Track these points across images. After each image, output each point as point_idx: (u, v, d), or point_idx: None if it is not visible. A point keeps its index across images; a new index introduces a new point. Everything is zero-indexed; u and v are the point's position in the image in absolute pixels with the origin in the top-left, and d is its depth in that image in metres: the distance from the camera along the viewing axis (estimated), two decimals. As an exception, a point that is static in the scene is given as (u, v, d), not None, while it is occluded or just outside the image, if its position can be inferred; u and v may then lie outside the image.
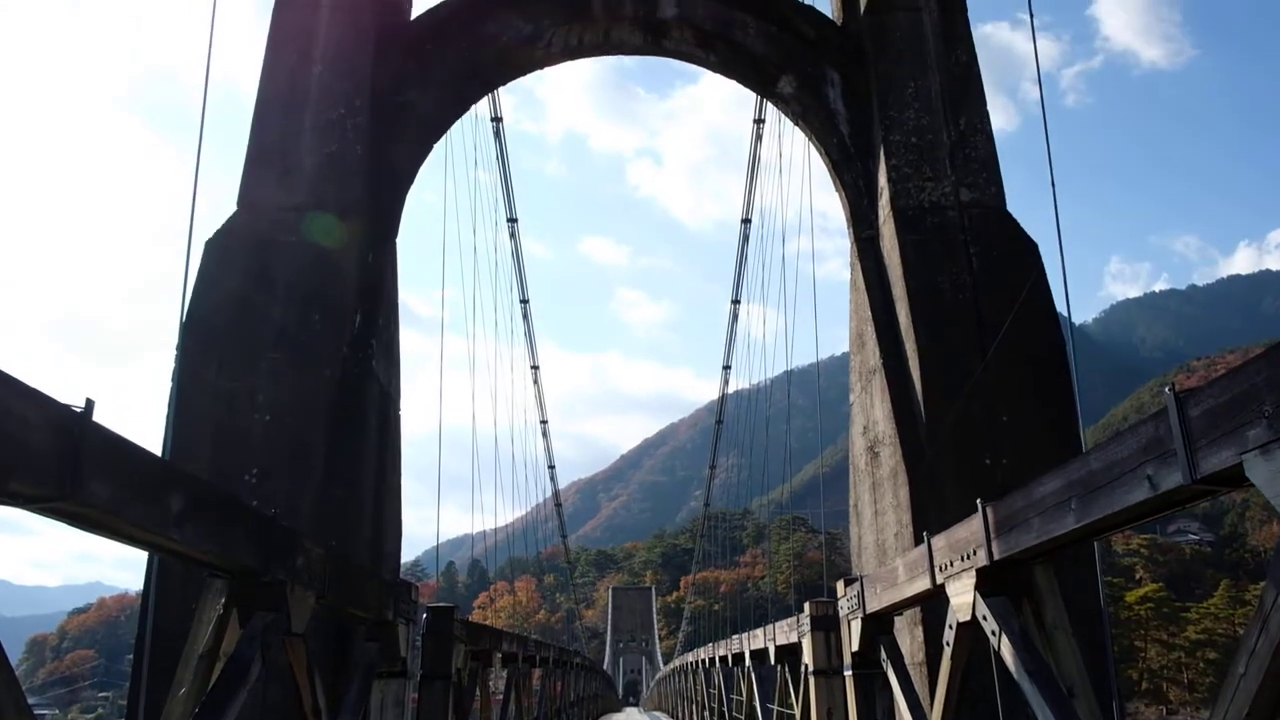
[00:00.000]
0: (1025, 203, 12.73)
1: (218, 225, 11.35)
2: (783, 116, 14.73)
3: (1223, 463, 3.57)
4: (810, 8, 13.72)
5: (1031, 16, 12.50)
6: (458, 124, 14.10)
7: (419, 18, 13.48)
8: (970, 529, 5.78)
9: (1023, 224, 11.99)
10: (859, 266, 12.46)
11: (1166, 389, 3.85)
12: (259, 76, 12.14)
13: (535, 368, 33.26)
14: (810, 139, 13.72)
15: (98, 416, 3.81)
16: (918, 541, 6.65)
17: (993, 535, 5.46)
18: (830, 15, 13.91)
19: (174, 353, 10.56)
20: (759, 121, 18.92)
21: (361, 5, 12.55)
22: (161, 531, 4.19)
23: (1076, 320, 13.33)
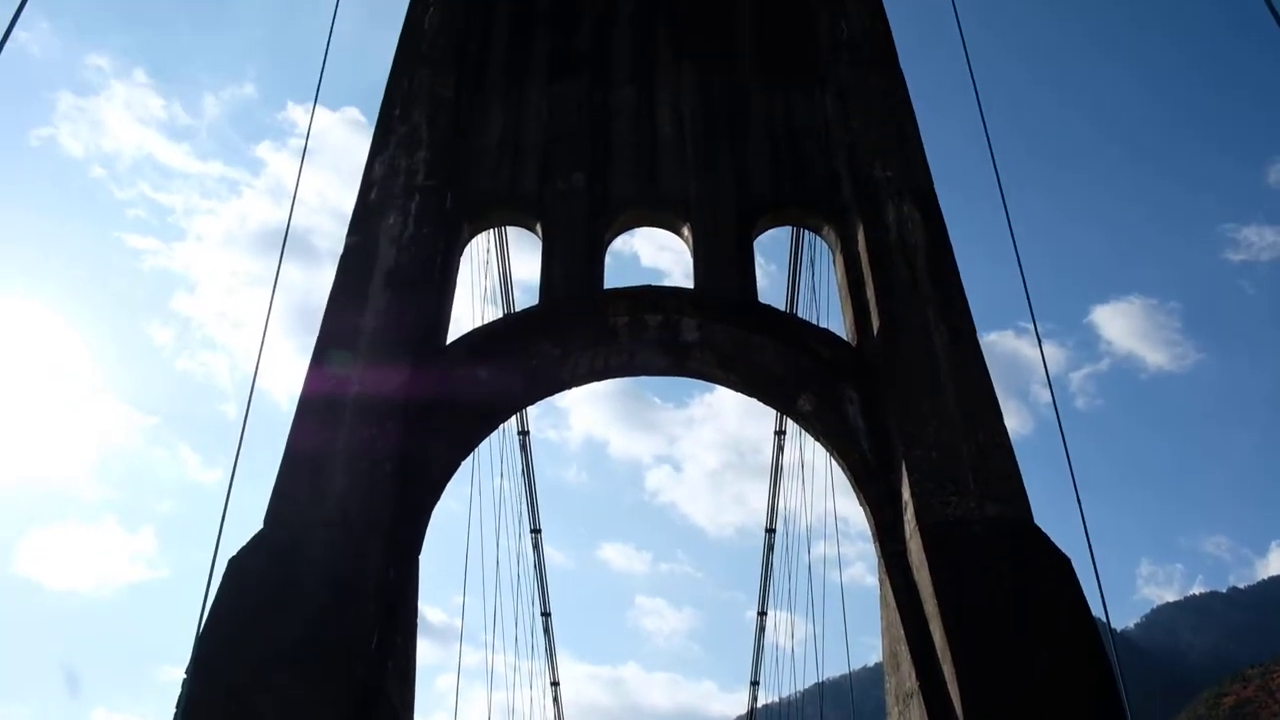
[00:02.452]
0: (1048, 502, 12.67)
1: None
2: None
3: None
4: (824, 331, 14.38)
5: (1038, 336, 13.08)
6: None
7: (454, 343, 14.19)
8: None
9: (1047, 526, 11.89)
10: (888, 583, 12.18)
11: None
12: (298, 398, 12.67)
13: (555, 684, 31.85)
14: (832, 455, 13.91)
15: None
16: None
17: None
18: (844, 336, 14.55)
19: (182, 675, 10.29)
20: (780, 433, 19.33)
21: (402, 335, 13.28)
22: None
23: (1117, 626, 12.84)
